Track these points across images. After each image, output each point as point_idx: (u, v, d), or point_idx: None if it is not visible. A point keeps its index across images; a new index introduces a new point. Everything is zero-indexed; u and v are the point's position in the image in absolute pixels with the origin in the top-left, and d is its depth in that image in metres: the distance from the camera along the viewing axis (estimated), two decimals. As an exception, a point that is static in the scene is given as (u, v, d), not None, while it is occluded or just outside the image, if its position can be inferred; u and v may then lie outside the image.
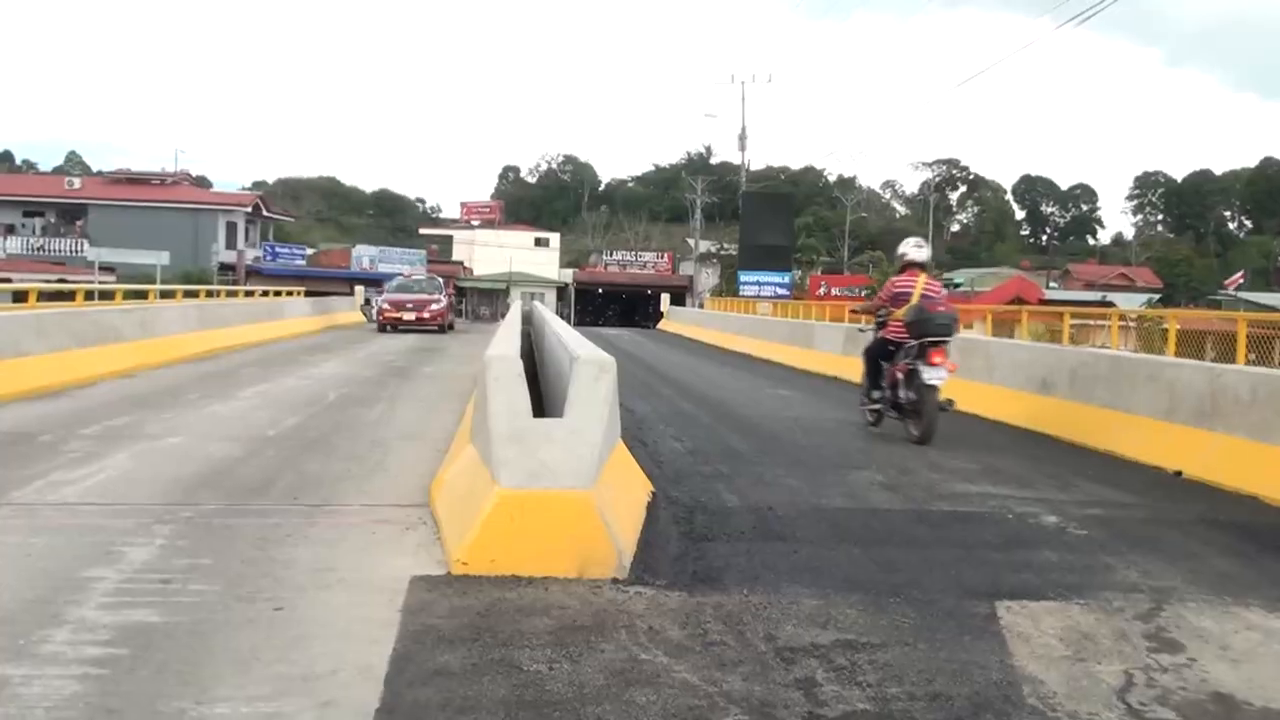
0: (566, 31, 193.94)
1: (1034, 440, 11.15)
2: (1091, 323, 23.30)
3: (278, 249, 64.38)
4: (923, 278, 11.03)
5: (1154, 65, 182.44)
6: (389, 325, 30.68)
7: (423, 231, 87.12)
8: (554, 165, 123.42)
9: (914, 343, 10.52)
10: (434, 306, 31.42)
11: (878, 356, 11.21)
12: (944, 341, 10.48)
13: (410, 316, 30.77)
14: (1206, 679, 4.38)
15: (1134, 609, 5.29)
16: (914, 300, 10.78)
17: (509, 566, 5.36)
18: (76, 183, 64.50)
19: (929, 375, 10.25)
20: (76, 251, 55.07)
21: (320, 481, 7.79)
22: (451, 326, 33.46)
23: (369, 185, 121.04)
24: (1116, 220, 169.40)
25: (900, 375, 10.71)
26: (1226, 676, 4.42)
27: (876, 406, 11.27)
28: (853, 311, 17.33)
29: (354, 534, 6.25)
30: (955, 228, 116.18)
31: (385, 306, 31.45)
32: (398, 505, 7.02)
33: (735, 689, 4.06)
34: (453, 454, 7.99)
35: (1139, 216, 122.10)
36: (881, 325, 11.27)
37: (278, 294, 34.01)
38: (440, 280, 34.62)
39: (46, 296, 19.25)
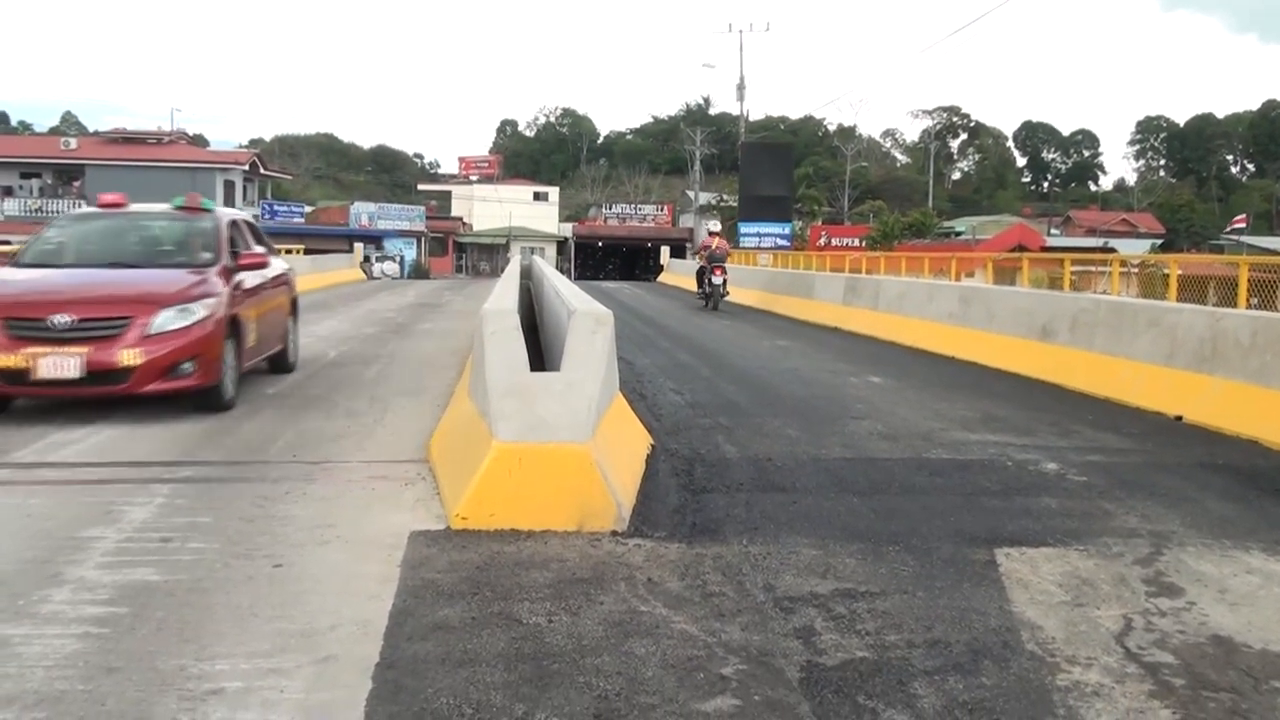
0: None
1: (1035, 387, 11.13)
2: (1093, 269, 23.13)
3: (276, 207, 64.06)
4: (716, 239, 24.35)
5: (1152, 8, 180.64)
6: None
7: (421, 187, 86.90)
8: (552, 118, 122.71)
9: (710, 265, 23.71)
10: (161, 323, 8.36)
11: (699, 274, 24.70)
12: (720, 265, 23.67)
13: (60, 369, 8.04)
14: (1205, 622, 4.39)
15: (1133, 554, 5.30)
16: (712, 248, 24.02)
17: (508, 520, 5.37)
18: (73, 143, 64.05)
19: (715, 279, 23.44)
20: (74, 212, 54.82)
21: (320, 439, 7.79)
22: (285, 366, 11.36)
23: (366, 141, 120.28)
24: (1118, 166, 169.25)
25: (705, 280, 23.96)
26: (1225, 620, 4.42)
27: (700, 299, 24.46)
28: (694, 255, 32.37)
29: (353, 490, 6.25)
30: (956, 175, 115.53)
31: None
32: (396, 461, 7.02)
33: (734, 639, 4.07)
34: (451, 409, 7.99)
35: (1141, 162, 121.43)
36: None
37: (276, 252, 33.84)
38: (218, 223, 10.08)
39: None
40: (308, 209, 68.01)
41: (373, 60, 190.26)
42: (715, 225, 26.08)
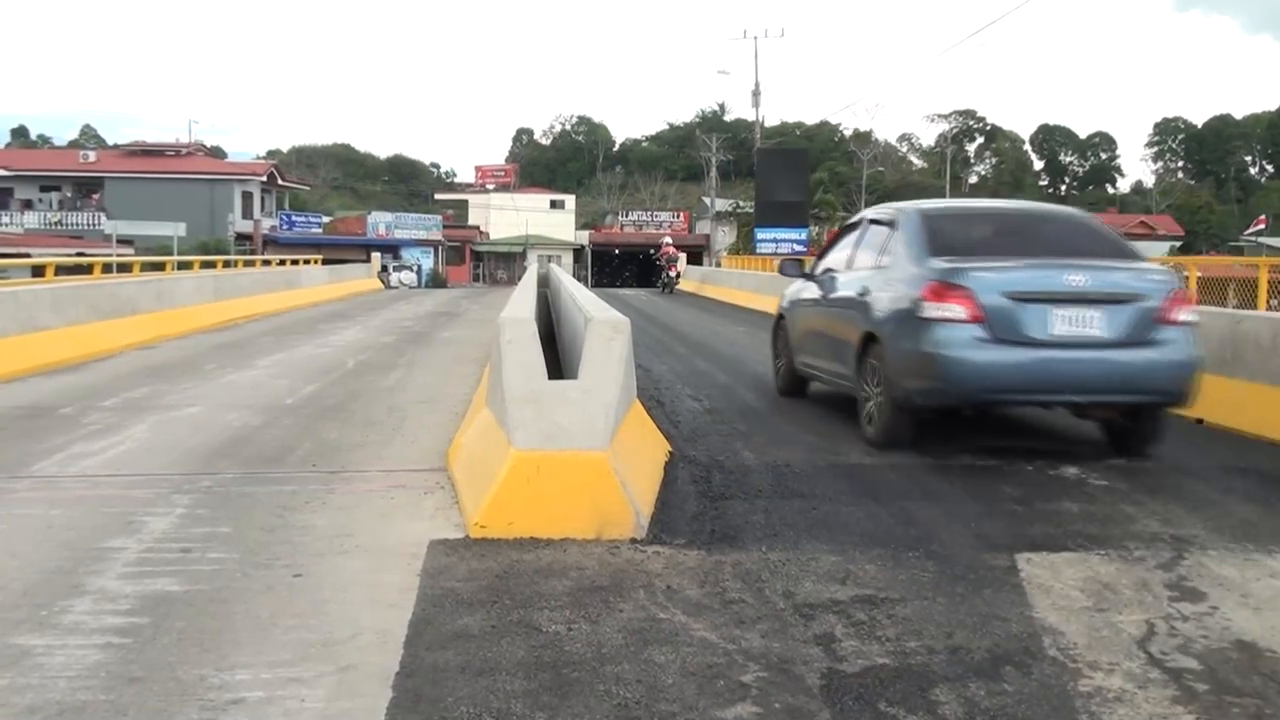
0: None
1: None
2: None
3: (294, 218, 64.37)
4: (669, 248, 40.44)
5: (1165, 8, 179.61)
6: None
7: (438, 196, 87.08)
8: (568, 126, 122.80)
9: (666, 264, 39.52)
10: None
11: (659, 271, 40.97)
12: (675, 261, 39.45)
13: None
14: (1229, 627, 4.35)
15: (1155, 558, 5.26)
16: (669, 254, 39.74)
17: (526, 529, 5.37)
18: (92, 156, 64.64)
19: (670, 274, 38.65)
20: (94, 224, 55.28)
21: (338, 448, 7.81)
22: None
23: (383, 151, 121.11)
24: (1136, 168, 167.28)
25: (663, 274, 39.36)
26: (1249, 624, 4.39)
27: (660, 287, 39.33)
28: (656, 258, 43.78)
29: (372, 499, 6.26)
30: (973, 179, 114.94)
31: None
32: (415, 470, 7.03)
33: (754, 646, 4.06)
34: (469, 418, 8.00)
35: (1159, 164, 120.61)
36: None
37: (294, 263, 34.04)
38: None
39: (65, 270, 19.30)
40: (325, 219, 68.28)
41: (388, 70, 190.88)
42: (668, 239, 44.48)
